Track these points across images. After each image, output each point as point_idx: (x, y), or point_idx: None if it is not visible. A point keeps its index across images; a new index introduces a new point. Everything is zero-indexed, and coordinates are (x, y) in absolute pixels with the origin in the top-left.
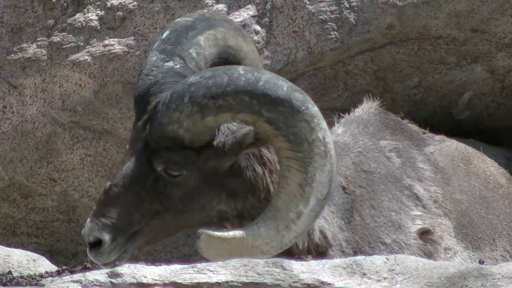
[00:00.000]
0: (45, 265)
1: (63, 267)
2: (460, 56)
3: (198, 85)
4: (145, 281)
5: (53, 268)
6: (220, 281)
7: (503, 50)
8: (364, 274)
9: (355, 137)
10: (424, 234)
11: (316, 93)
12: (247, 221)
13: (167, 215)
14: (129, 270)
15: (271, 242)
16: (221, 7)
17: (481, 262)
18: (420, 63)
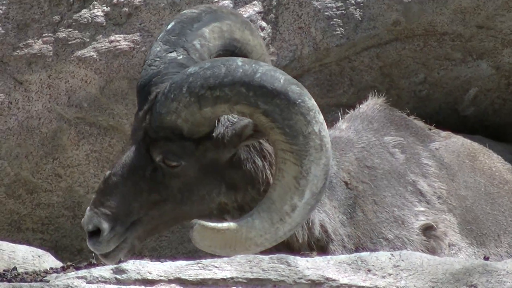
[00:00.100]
0: (50, 261)
1: (68, 263)
2: (466, 52)
3: (197, 76)
4: (150, 277)
5: (58, 264)
6: (225, 277)
7: (509, 47)
8: (369, 270)
9: (358, 132)
10: (427, 230)
11: (321, 89)
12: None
13: (166, 206)
14: (134, 266)
15: (265, 234)
16: (227, 3)
17: (486, 259)
18: (426, 59)
